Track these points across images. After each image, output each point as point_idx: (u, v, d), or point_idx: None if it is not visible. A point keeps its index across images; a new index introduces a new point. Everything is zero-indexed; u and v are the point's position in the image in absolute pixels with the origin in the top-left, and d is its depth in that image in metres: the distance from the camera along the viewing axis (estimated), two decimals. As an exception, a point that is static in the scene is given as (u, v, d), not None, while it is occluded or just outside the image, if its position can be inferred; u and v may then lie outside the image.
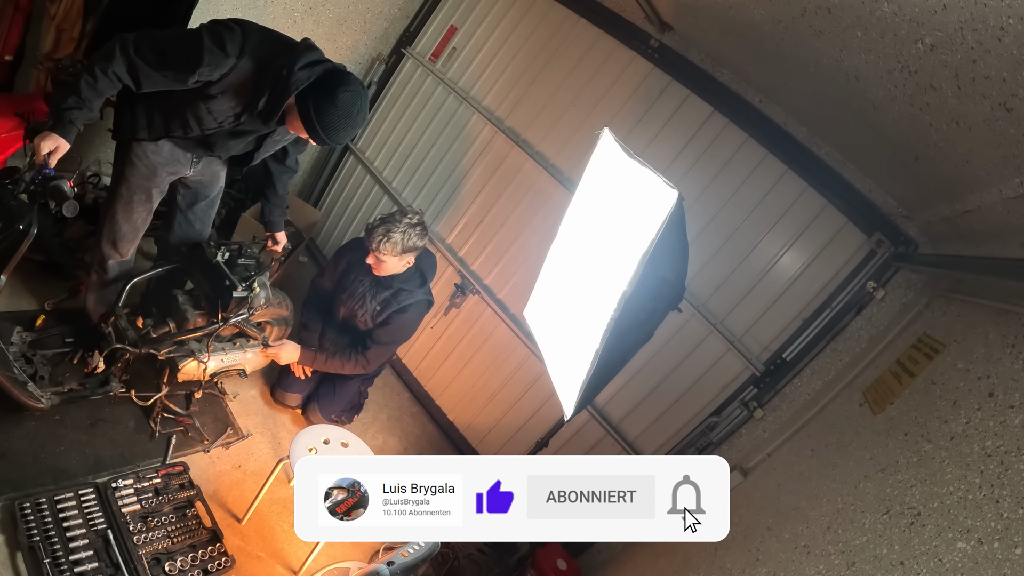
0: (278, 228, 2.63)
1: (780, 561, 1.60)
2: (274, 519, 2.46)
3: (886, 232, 2.41)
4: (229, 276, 2.31)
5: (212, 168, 2.40)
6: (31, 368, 2.21)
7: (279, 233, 2.63)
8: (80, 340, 2.42)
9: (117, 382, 2.34)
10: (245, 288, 2.32)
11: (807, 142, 2.59)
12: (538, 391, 3.20)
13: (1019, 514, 1.07)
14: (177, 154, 2.21)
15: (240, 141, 2.21)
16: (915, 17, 1.26)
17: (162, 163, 2.20)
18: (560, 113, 3.18)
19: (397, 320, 2.77)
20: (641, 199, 1.91)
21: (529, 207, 3.25)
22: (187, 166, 2.29)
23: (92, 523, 1.98)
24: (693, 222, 2.33)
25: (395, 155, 3.79)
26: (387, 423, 3.35)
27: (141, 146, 2.13)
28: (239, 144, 2.23)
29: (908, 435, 1.56)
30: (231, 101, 1.96)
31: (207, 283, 2.38)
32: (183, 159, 2.25)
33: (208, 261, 2.34)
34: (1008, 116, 1.25)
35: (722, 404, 2.73)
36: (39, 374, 2.22)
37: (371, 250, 2.57)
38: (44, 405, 2.10)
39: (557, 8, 3.20)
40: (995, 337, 1.54)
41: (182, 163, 2.26)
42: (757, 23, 2.02)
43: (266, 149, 2.28)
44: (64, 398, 2.22)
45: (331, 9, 3.43)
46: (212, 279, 2.35)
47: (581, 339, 2.14)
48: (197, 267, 2.41)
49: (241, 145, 2.24)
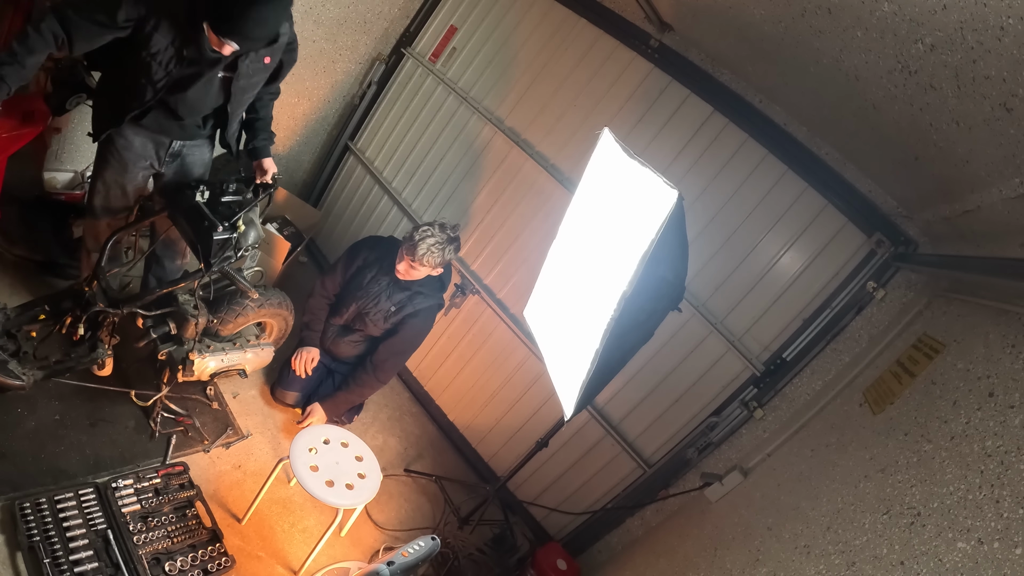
0: (264, 154, 2.41)
1: (780, 561, 1.60)
2: (274, 519, 2.46)
3: (886, 232, 2.41)
4: (208, 216, 2.11)
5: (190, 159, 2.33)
6: (14, 344, 2.08)
7: (266, 160, 2.41)
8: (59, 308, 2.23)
9: (104, 347, 2.27)
10: (228, 228, 2.12)
11: (807, 142, 2.59)
12: (538, 391, 3.20)
13: (1019, 514, 1.07)
14: (148, 148, 2.20)
15: (200, 91, 2.05)
16: (915, 17, 1.26)
17: (133, 158, 2.19)
18: (560, 113, 3.18)
19: (410, 326, 2.78)
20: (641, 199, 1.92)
21: (529, 207, 3.25)
22: (160, 161, 2.25)
23: (92, 523, 1.98)
24: (693, 222, 2.33)
25: (395, 155, 3.79)
26: (387, 423, 3.35)
27: (113, 142, 2.15)
28: (200, 95, 2.07)
29: (908, 435, 1.56)
30: (166, 34, 1.87)
31: (189, 228, 2.20)
32: (154, 154, 2.22)
33: (189, 203, 2.15)
34: (1008, 116, 1.25)
35: (722, 404, 2.73)
36: (23, 350, 2.10)
37: (411, 259, 2.59)
38: (24, 383, 2.00)
39: (557, 8, 3.20)
40: (995, 337, 1.54)
41: (154, 158, 2.23)
42: (757, 23, 2.02)
43: (237, 99, 2.15)
44: (48, 371, 2.12)
45: (331, 9, 3.43)
46: (193, 222, 2.16)
47: (581, 339, 2.14)
48: (180, 212, 2.22)
49: (203, 96, 2.08)
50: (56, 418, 2.25)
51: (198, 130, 2.26)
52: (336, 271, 2.89)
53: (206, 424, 2.60)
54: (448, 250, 2.64)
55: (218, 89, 2.10)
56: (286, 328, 2.90)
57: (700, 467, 2.73)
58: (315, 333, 2.96)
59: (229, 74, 2.06)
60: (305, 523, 2.52)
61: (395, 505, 2.90)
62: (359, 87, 3.94)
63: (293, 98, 3.74)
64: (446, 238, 2.63)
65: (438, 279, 2.80)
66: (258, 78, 2.17)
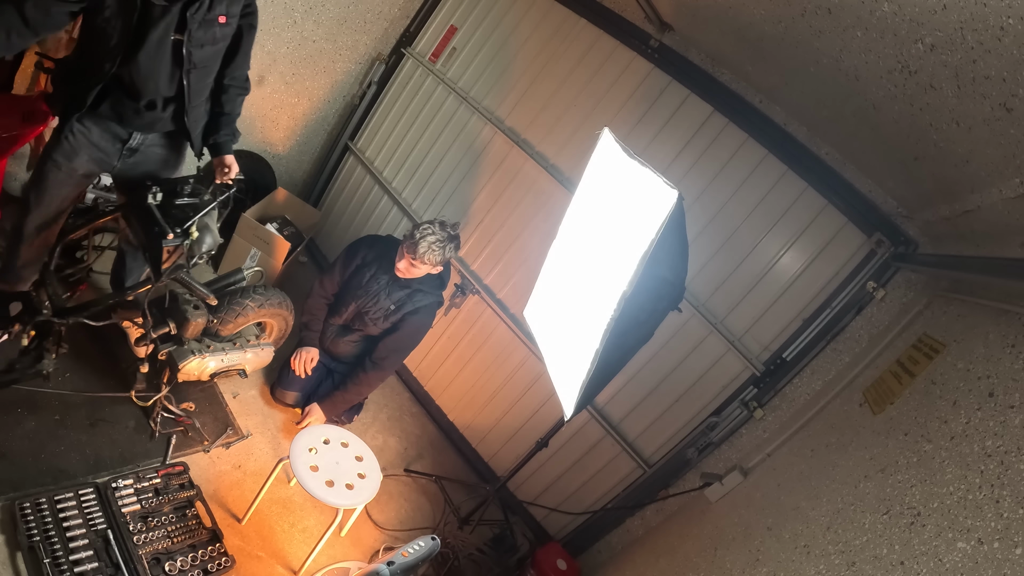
0: (225, 150, 2.25)
1: (780, 561, 1.60)
2: (274, 519, 2.46)
3: (886, 232, 2.41)
4: (159, 221, 1.95)
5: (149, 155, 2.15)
6: None
7: (227, 157, 2.25)
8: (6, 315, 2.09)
9: (51, 357, 2.14)
10: (179, 234, 1.97)
11: (807, 142, 2.59)
12: (538, 391, 3.20)
13: (1019, 514, 1.07)
14: (105, 141, 2.03)
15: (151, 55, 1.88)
16: (915, 17, 1.26)
17: (87, 145, 2.02)
18: (560, 113, 3.18)
19: (410, 323, 2.78)
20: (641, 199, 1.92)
21: (529, 207, 3.25)
22: (117, 156, 2.08)
23: (92, 523, 1.98)
24: (693, 222, 2.33)
25: (395, 155, 3.79)
26: (387, 423, 3.35)
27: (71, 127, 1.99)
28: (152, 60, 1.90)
29: (908, 435, 1.56)
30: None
31: (141, 232, 2.04)
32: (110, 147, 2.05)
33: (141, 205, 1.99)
34: (1008, 116, 1.25)
35: (722, 404, 2.73)
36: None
37: (412, 257, 2.59)
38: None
39: (557, 8, 3.20)
40: (995, 337, 1.54)
41: (110, 151, 2.06)
42: (757, 23, 2.02)
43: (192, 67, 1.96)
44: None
45: (331, 9, 3.44)
46: (145, 226, 2.00)
47: (581, 339, 2.14)
48: (134, 215, 2.06)
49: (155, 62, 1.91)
50: (56, 418, 2.25)
51: (155, 114, 2.03)
52: (334, 270, 2.88)
53: (206, 424, 2.60)
54: (448, 248, 2.64)
55: (171, 56, 1.91)
56: (286, 328, 2.90)
57: (700, 467, 2.73)
58: (314, 333, 2.96)
59: (180, 36, 1.88)
60: (305, 523, 2.52)
61: (395, 505, 2.90)
62: (359, 87, 3.94)
63: (293, 98, 3.74)
64: (447, 236, 2.63)
65: (438, 277, 2.80)
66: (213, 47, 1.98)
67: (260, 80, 3.47)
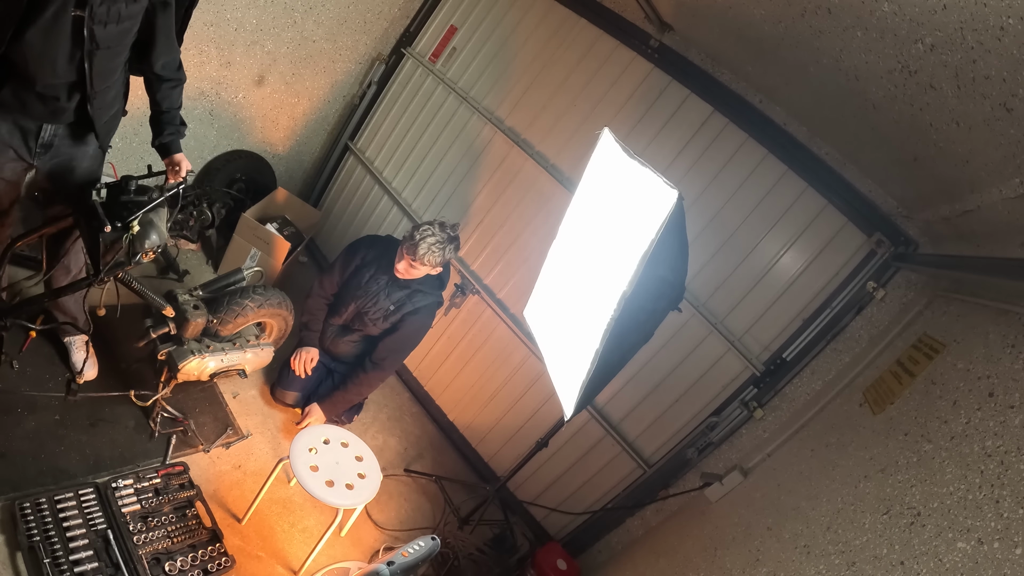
0: (173, 150, 2.16)
1: (780, 561, 1.60)
2: (274, 519, 2.46)
3: (886, 232, 2.41)
4: (99, 215, 1.87)
5: (70, 152, 1.99)
6: None
7: (177, 155, 2.16)
8: None
9: None
10: (119, 228, 1.89)
11: (807, 142, 2.59)
12: (538, 391, 3.20)
13: (1019, 514, 1.07)
14: (15, 136, 1.86)
15: (46, 32, 1.69)
16: (915, 17, 1.26)
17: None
18: (560, 113, 3.18)
19: (409, 323, 2.78)
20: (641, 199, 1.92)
21: (529, 207, 3.25)
22: (30, 152, 1.90)
23: (92, 523, 1.98)
24: (693, 222, 2.33)
25: (395, 155, 3.79)
26: (387, 423, 3.35)
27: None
28: (49, 39, 1.71)
29: (908, 435, 1.56)
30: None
31: (85, 228, 1.98)
32: (21, 142, 1.88)
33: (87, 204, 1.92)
34: (1008, 116, 1.25)
35: (722, 404, 2.73)
36: None
37: (412, 258, 2.59)
38: None
39: (557, 8, 3.20)
40: (995, 337, 1.54)
41: (21, 147, 1.89)
42: (757, 23, 2.02)
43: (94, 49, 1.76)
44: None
45: (331, 9, 3.44)
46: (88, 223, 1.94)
47: (581, 339, 2.14)
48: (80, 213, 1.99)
49: (52, 40, 1.72)
50: (56, 418, 2.25)
51: (59, 104, 1.84)
52: (334, 271, 2.88)
53: (206, 424, 2.60)
54: (448, 249, 2.64)
55: (70, 33, 1.71)
56: (286, 328, 2.90)
57: (700, 467, 2.73)
58: (314, 333, 2.95)
59: (80, 12, 1.68)
60: (305, 523, 2.52)
61: (395, 505, 2.90)
62: (359, 87, 3.94)
63: (293, 98, 3.74)
64: (446, 237, 2.63)
65: (437, 277, 2.80)
66: (118, 26, 1.78)
67: (260, 80, 3.47)
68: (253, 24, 3.18)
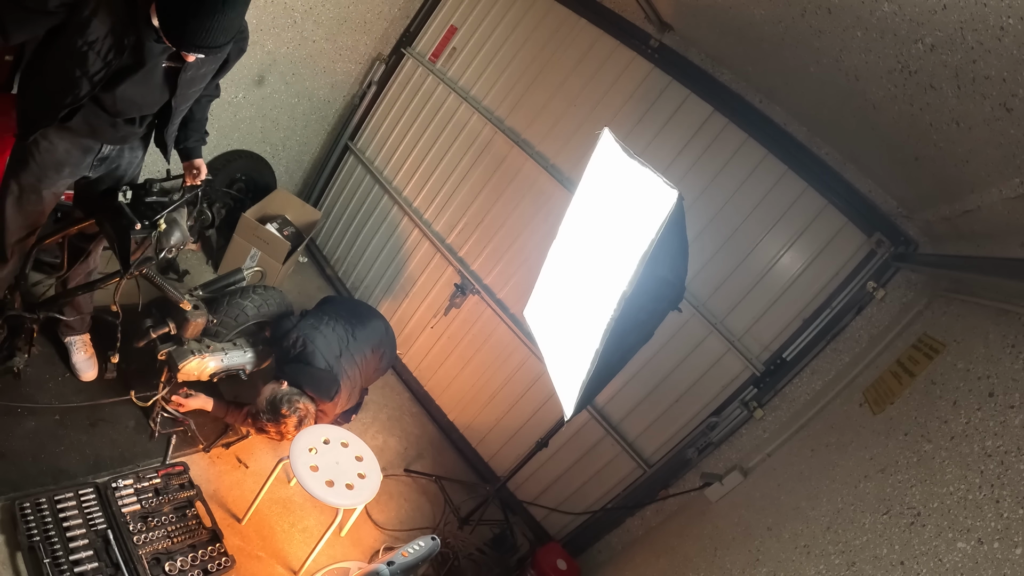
0: (195, 155, 2.28)
1: (780, 561, 1.60)
2: (274, 519, 2.46)
3: (886, 232, 2.41)
4: (128, 215, 2.01)
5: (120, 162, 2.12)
6: None
7: (197, 160, 2.27)
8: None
9: (23, 355, 2.19)
10: (147, 227, 2.02)
11: (807, 142, 2.59)
12: (538, 391, 3.20)
13: (1019, 514, 1.07)
14: (73, 155, 1.96)
15: (141, 84, 1.84)
16: (915, 17, 1.26)
17: (54, 164, 1.95)
18: (560, 113, 3.18)
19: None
20: (641, 199, 1.92)
21: (529, 207, 3.25)
22: (88, 167, 2.03)
23: (92, 523, 1.98)
24: (693, 222, 2.32)
25: (395, 155, 3.79)
26: (387, 423, 3.35)
27: (36, 144, 1.91)
28: (142, 89, 1.86)
29: (908, 435, 1.56)
30: (105, 20, 1.68)
31: (111, 229, 2.10)
32: (79, 161, 1.99)
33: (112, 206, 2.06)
34: (1008, 116, 1.25)
35: (722, 404, 2.73)
36: None
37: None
38: None
39: (557, 8, 3.20)
40: (995, 337, 1.54)
41: (78, 165, 2.00)
42: (757, 23, 2.02)
43: (182, 93, 1.95)
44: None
45: (331, 9, 3.43)
46: (115, 223, 2.07)
47: (581, 339, 2.14)
48: (105, 215, 2.11)
49: (145, 89, 1.87)
50: (56, 418, 2.25)
51: (131, 129, 2.01)
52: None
53: (206, 424, 2.60)
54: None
55: (162, 81, 1.88)
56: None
57: (700, 467, 2.73)
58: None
59: (176, 64, 1.84)
60: (305, 523, 2.52)
61: (395, 505, 2.90)
62: (359, 87, 3.94)
63: (293, 98, 3.74)
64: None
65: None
66: (207, 68, 1.98)
67: (260, 80, 3.47)
68: (253, 24, 3.13)
